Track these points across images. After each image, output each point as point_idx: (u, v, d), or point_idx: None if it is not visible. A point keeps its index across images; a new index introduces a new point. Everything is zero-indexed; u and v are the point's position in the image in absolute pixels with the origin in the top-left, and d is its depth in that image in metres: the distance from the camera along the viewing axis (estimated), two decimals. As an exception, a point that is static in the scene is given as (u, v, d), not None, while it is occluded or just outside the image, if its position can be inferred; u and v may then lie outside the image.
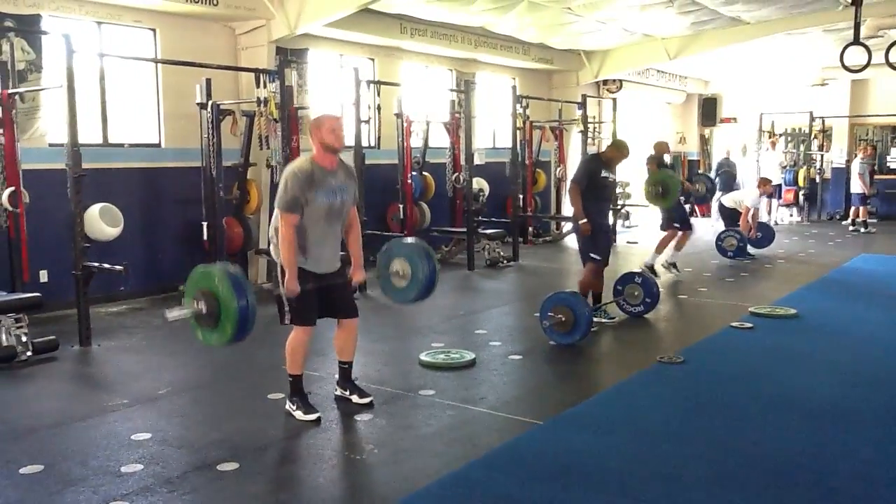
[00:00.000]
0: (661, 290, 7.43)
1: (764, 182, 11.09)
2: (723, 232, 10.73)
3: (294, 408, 4.39)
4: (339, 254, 4.50)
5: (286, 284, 4.22)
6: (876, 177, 16.00)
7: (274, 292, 4.47)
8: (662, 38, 12.86)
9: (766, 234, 11.27)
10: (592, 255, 6.54)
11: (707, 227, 14.17)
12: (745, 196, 11.13)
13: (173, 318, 3.98)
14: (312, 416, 4.33)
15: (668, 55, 13.11)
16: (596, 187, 6.55)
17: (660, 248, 9.17)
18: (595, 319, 6.55)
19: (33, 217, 6.85)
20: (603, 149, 7.78)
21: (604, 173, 6.60)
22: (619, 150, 6.72)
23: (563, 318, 5.91)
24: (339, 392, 4.70)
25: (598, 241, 6.59)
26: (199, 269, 4.12)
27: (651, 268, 8.91)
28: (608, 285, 7.01)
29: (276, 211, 4.26)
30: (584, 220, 6.44)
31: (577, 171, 6.77)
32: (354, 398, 4.61)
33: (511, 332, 6.72)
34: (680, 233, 9.16)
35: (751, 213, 10.76)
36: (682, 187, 9.22)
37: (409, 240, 5.05)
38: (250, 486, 3.56)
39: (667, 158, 9.17)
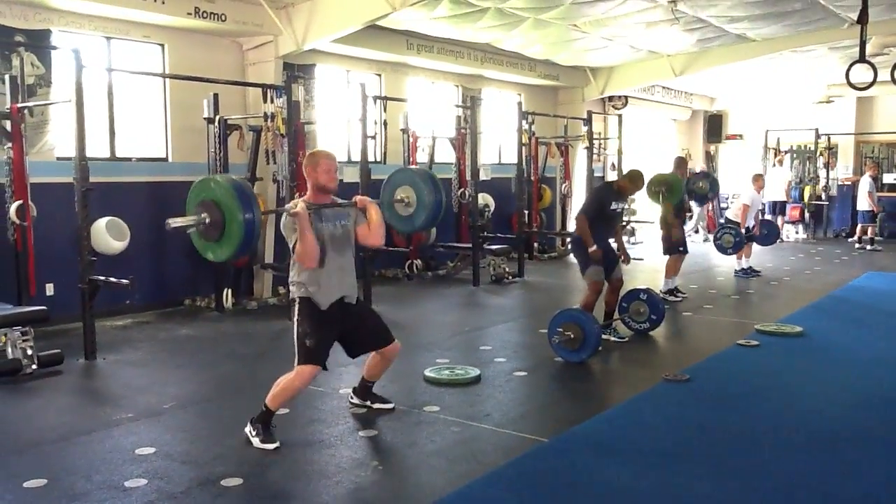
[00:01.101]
0: (667, 307, 7.42)
1: (757, 178, 11.00)
2: (719, 229, 10.62)
3: (254, 433, 4.21)
4: (354, 281, 4.41)
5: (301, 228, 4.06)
6: (877, 194, 16.02)
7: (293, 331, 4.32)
8: (668, 55, 12.90)
9: (770, 230, 11.28)
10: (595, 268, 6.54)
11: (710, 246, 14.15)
12: (741, 195, 10.99)
13: (175, 226, 3.83)
14: (271, 446, 4.14)
15: (673, 72, 13.15)
16: (602, 218, 6.55)
17: (669, 273, 8.93)
18: (603, 337, 6.55)
19: (40, 230, 6.88)
20: (611, 170, 7.67)
21: (613, 205, 6.61)
22: (633, 181, 6.65)
23: (572, 336, 5.89)
24: (357, 402, 4.71)
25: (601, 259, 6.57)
26: (202, 178, 4.02)
27: (671, 291, 8.81)
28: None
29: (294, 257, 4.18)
30: (594, 248, 6.42)
31: (588, 201, 6.68)
32: (377, 405, 4.67)
33: (516, 348, 6.71)
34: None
35: (750, 211, 10.57)
36: (683, 205, 9.14)
37: (413, 167, 4.95)
38: (254, 502, 3.55)
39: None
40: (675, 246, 8.81)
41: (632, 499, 3.58)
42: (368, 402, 4.69)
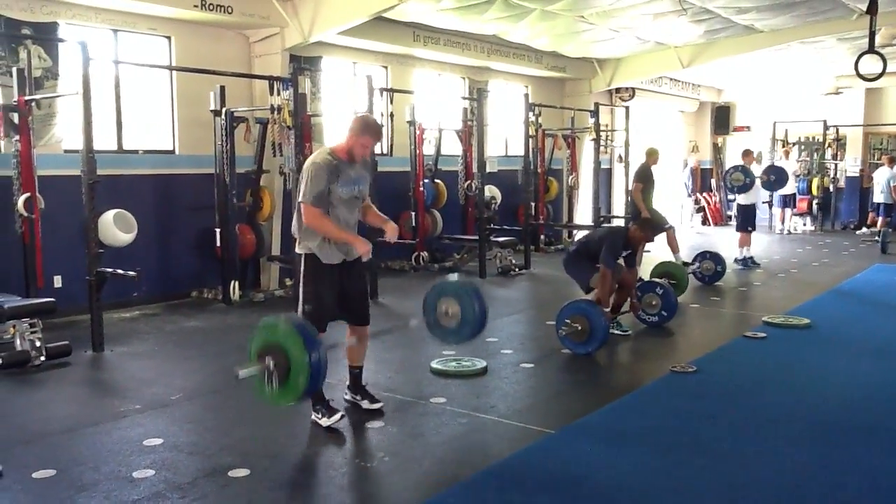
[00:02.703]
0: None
1: (746, 153, 11.15)
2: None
3: (318, 416, 4.36)
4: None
5: (359, 247, 4.26)
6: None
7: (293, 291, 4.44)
8: (675, 47, 12.84)
9: (779, 176, 11.33)
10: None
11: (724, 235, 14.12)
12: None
13: (245, 375, 3.78)
14: (337, 416, 4.34)
15: (681, 63, 13.09)
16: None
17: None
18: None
19: (48, 223, 6.90)
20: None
21: (623, 253, 6.59)
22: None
23: (580, 328, 5.89)
24: (348, 397, 4.71)
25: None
26: (264, 321, 3.92)
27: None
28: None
29: (300, 206, 4.24)
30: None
31: (605, 251, 6.40)
32: (365, 404, 4.62)
33: (523, 340, 6.71)
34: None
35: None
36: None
37: (455, 277, 4.93)
38: (261, 493, 3.56)
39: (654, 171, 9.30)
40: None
41: (638, 489, 3.58)
42: (358, 398, 4.67)
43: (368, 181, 4.51)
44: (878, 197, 14.55)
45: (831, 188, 16.48)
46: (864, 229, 15.67)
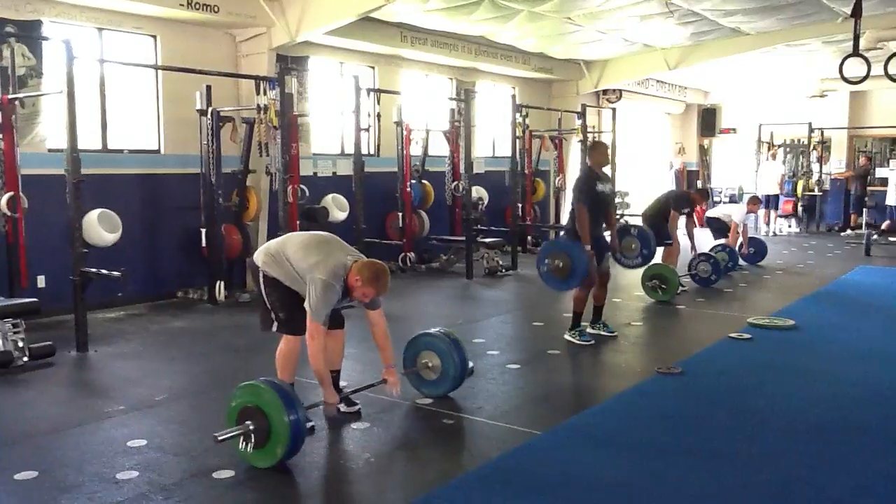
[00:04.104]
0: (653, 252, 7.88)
1: (754, 201, 10.98)
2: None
3: None
4: None
5: (325, 398, 4.28)
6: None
7: (260, 297, 4.45)
8: (662, 49, 12.89)
9: (758, 249, 11.14)
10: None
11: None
12: (732, 211, 10.81)
13: (223, 438, 3.74)
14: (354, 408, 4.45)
15: (667, 65, 13.14)
16: (596, 204, 6.30)
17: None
18: (592, 332, 6.55)
19: (32, 222, 6.85)
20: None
21: (600, 186, 6.37)
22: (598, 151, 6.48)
23: (561, 265, 5.94)
24: None
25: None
26: (243, 384, 3.91)
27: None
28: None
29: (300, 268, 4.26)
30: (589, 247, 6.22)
31: (577, 188, 6.34)
32: (342, 407, 4.58)
33: (510, 341, 6.71)
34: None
35: (739, 228, 10.47)
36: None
37: (437, 331, 4.98)
38: (246, 495, 3.54)
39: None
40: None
41: (625, 491, 3.58)
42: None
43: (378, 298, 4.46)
44: (892, 199, 14.57)
45: (816, 190, 16.59)
46: (849, 231, 15.79)
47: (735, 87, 17.53)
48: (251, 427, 3.72)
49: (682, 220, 9.19)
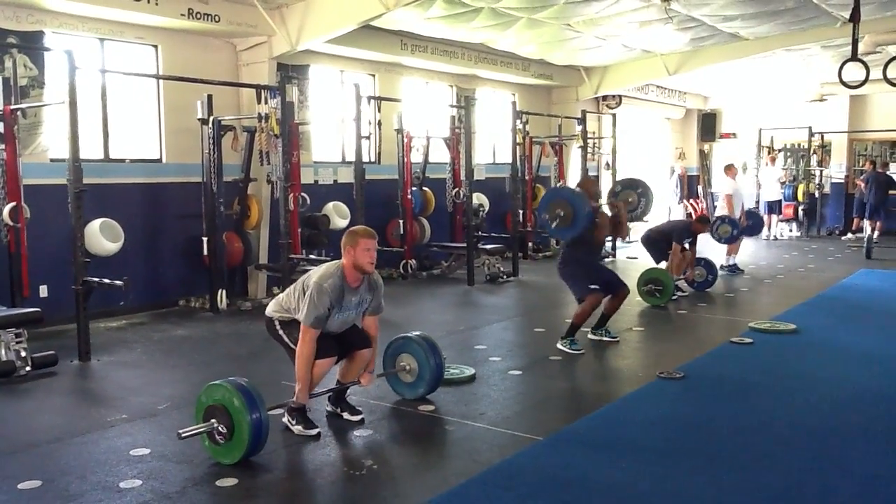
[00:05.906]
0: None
1: (728, 168, 11.41)
2: (716, 220, 10.74)
3: (293, 422, 4.39)
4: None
5: (297, 396, 4.32)
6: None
7: (281, 341, 4.54)
8: (662, 54, 12.92)
9: (755, 222, 11.56)
10: (591, 286, 6.36)
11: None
12: (722, 188, 11.32)
13: (187, 434, 3.87)
14: (313, 431, 4.34)
15: (667, 71, 13.17)
16: (584, 240, 6.35)
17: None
18: (594, 338, 6.57)
19: (34, 232, 6.87)
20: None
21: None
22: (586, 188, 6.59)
23: (563, 213, 5.93)
24: (329, 409, 4.70)
25: (592, 276, 6.47)
26: (209, 384, 4.05)
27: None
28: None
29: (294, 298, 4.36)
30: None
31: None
32: (346, 415, 4.60)
33: (511, 347, 6.71)
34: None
35: (735, 200, 10.96)
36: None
37: (416, 335, 5.03)
38: (249, 502, 3.55)
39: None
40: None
41: (627, 496, 3.59)
42: (339, 410, 4.66)
43: (377, 302, 4.54)
44: None
45: (817, 194, 16.59)
46: (850, 235, 15.78)
47: (735, 92, 17.56)
48: (215, 425, 3.89)
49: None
